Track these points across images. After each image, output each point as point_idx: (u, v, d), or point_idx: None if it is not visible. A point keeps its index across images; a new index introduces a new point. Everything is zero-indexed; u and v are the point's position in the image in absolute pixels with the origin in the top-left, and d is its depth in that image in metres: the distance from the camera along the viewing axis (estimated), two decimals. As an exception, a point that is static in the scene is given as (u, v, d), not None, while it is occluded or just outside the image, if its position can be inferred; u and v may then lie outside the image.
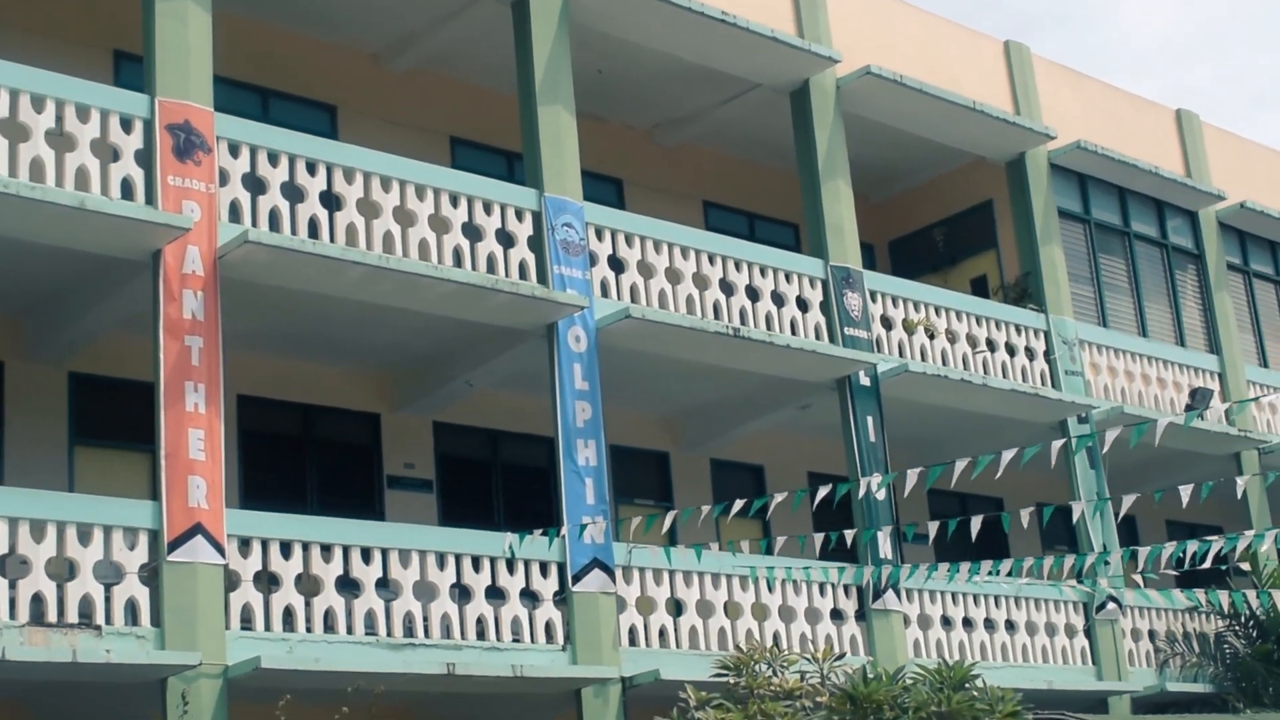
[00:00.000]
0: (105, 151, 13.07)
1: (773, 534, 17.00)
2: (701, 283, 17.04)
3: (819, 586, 16.89)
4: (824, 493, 12.38)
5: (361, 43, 17.50)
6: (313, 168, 14.26)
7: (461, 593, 14.34)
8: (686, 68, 18.40)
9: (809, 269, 18.11)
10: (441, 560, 14.22)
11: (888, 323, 18.82)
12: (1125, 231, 22.59)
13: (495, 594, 14.60)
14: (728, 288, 17.29)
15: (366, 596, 13.65)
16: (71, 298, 13.78)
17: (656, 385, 17.84)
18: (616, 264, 16.37)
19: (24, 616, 11.81)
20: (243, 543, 13.06)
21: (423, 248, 14.79)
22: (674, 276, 16.78)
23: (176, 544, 12.55)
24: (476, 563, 14.47)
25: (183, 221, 12.91)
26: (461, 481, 17.45)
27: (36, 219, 12.41)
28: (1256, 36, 63.42)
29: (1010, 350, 20.21)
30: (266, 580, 13.23)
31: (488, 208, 15.43)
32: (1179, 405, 22.04)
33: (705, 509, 13.04)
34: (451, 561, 14.28)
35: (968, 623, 18.51)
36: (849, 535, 13.53)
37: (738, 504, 12.75)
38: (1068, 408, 19.90)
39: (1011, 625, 19.00)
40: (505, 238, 15.52)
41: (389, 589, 13.96)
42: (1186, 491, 12.15)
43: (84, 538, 12.27)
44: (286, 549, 13.33)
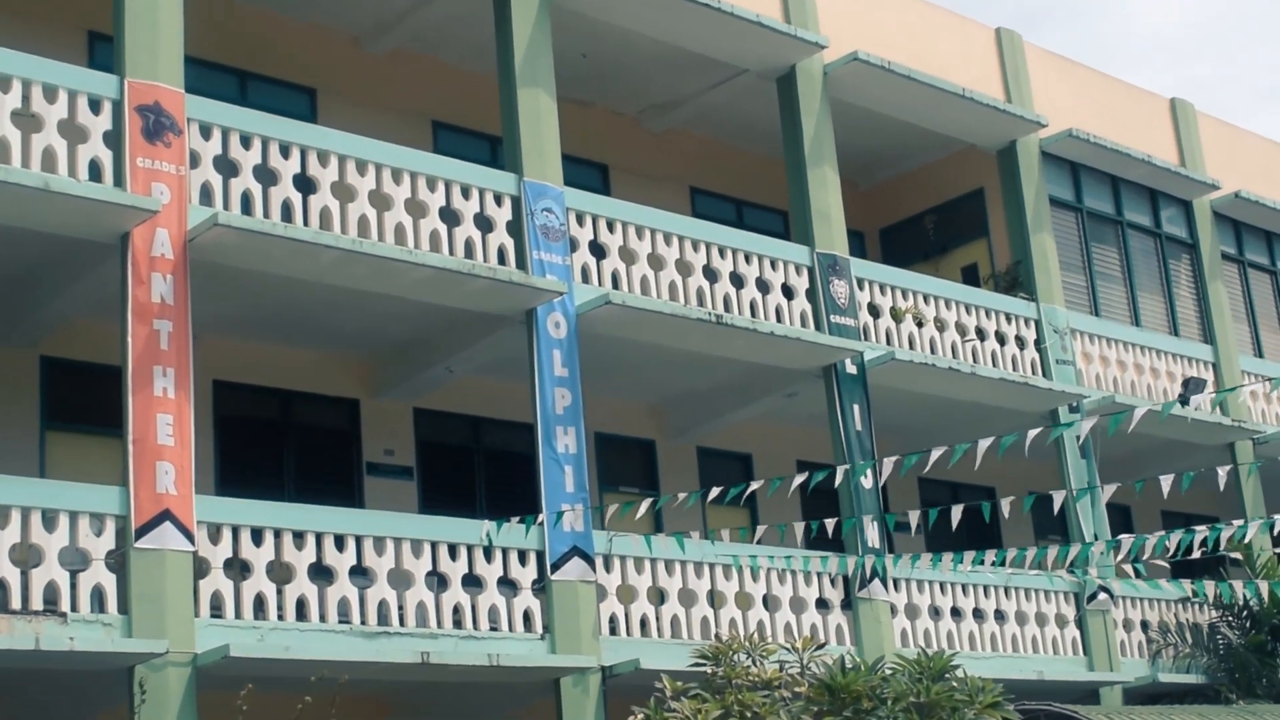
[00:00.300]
0: (73, 132, 12.87)
1: (759, 523, 16.88)
2: (685, 269, 16.85)
3: (804, 575, 16.72)
4: (799, 480, 12.18)
5: (341, 24, 17.30)
6: (286, 150, 14.07)
7: (438, 581, 14.16)
8: (672, 52, 18.20)
9: (795, 256, 17.92)
10: (417, 548, 14.04)
11: (875, 310, 18.64)
12: (1118, 220, 22.38)
13: (472, 582, 14.42)
14: (711, 274, 17.09)
15: (340, 584, 13.47)
16: (41, 280, 13.59)
17: (641, 372, 17.66)
18: (598, 249, 16.19)
19: (-13, 603, 11.66)
20: (213, 529, 12.88)
21: (399, 232, 14.60)
22: (656, 263, 16.59)
23: (144, 530, 12.37)
24: (453, 550, 14.29)
25: (151, 204, 12.72)
26: (443, 468, 17.27)
27: (1, 200, 12.22)
28: (1263, 31, 63.13)
29: (1000, 339, 20.01)
30: (238, 568, 13.05)
31: (466, 192, 15.25)
32: (1172, 395, 21.85)
33: (681, 496, 12.86)
34: (427, 549, 14.10)
35: (956, 613, 18.34)
36: (830, 524, 13.26)
37: (714, 491, 12.55)
38: (1058, 397, 19.72)
39: (1001, 615, 18.82)
40: (484, 222, 15.34)
41: (366, 577, 13.79)
42: (1167, 481, 11.94)
43: (49, 523, 12.08)
44: (258, 536, 13.14)
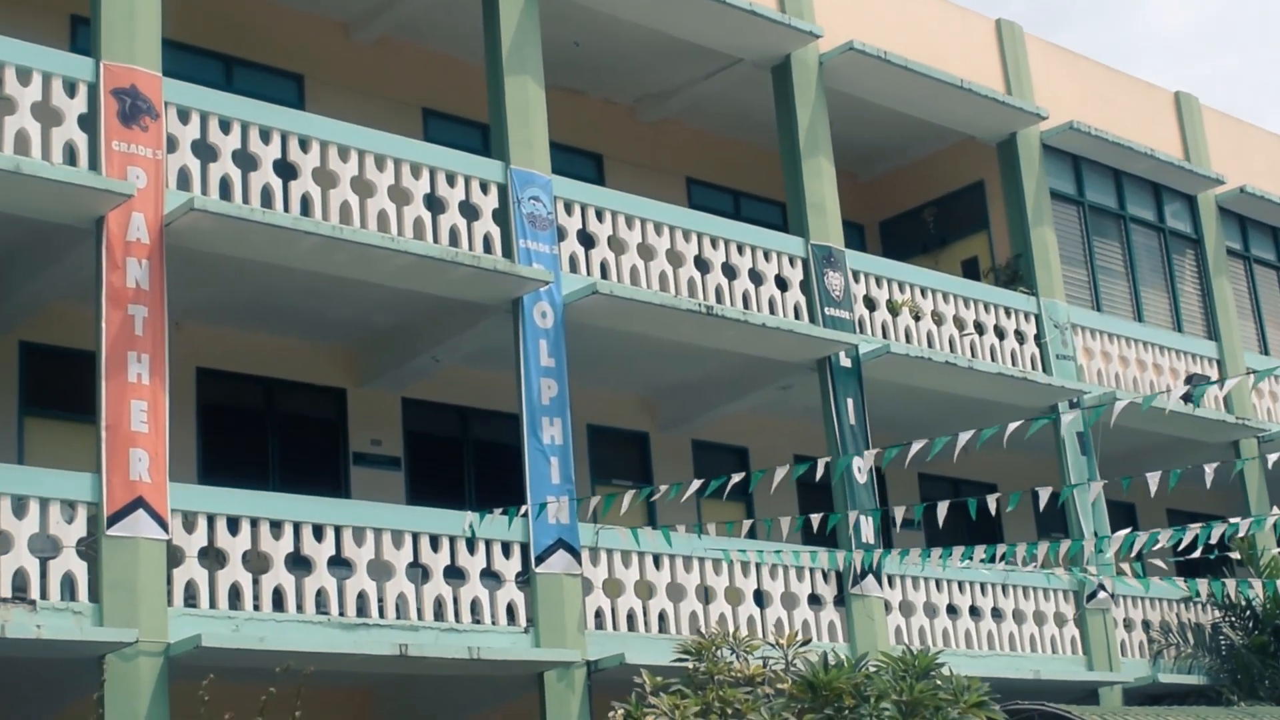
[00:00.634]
0: (47, 115, 12.71)
1: (756, 517, 16.64)
2: (676, 259, 16.64)
3: (796, 571, 16.49)
4: (781, 474, 11.97)
5: (330, 11, 17.12)
6: (267, 135, 13.88)
7: (419, 573, 13.97)
8: (666, 41, 17.99)
9: (789, 247, 17.69)
10: (398, 539, 13.84)
11: (871, 303, 18.40)
12: (1121, 215, 22.12)
13: (455, 574, 14.23)
14: (703, 265, 16.88)
15: (318, 575, 13.28)
16: (16, 264, 13.42)
17: (632, 364, 17.45)
18: (586, 239, 15.98)
19: (-46, 590, 11.49)
20: (188, 518, 12.70)
21: (382, 219, 14.42)
22: (646, 253, 16.38)
23: (116, 518, 12.19)
24: (435, 542, 14.09)
25: (125, 188, 12.55)
26: (431, 459, 17.07)
27: (-27, 183, 12.08)
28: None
29: (1000, 333, 19.76)
30: (214, 557, 12.87)
31: (451, 179, 15.05)
32: (1176, 392, 21.56)
33: (663, 488, 12.65)
34: (408, 540, 13.90)
35: (952, 610, 18.09)
36: (816, 520, 13.06)
37: (694, 484, 12.35)
38: (1057, 392, 19.45)
39: (998, 613, 18.58)
40: (469, 210, 15.14)
41: (346, 568, 13.60)
42: (1154, 479, 11.70)
43: (19, 509, 11.91)
44: (234, 525, 12.96)
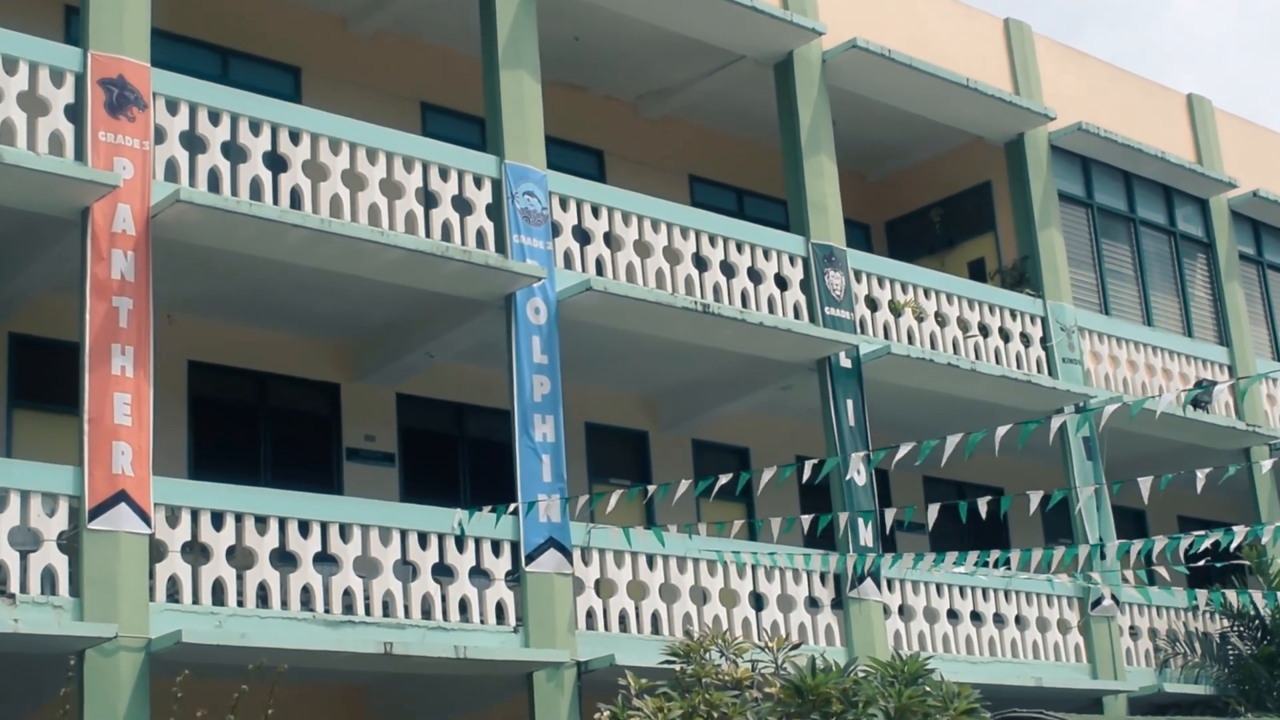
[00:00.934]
0: (33, 105, 12.61)
1: (757, 518, 16.47)
2: (673, 257, 16.47)
3: (793, 573, 16.31)
4: (769, 476, 11.78)
5: (327, 3, 16.98)
6: (256, 127, 13.76)
7: (407, 570, 13.82)
8: (667, 37, 17.83)
9: (789, 246, 17.51)
10: (385, 535, 13.70)
11: (873, 304, 18.20)
12: (1131, 217, 21.87)
13: (444, 572, 14.09)
14: (701, 263, 16.71)
15: (304, 571, 13.15)
16: (3, 256, 13.33)
17: (629, 361, 17.29)
18: (582, 235, 15.83)
19: (-68, 583, 11.40)
20: (171, 512, 12.58)
21: (373, 213, 14.28)
22: (643, 250, 16.22)
23: (98, 511, 12.09)
24: (423, 539, 13.94)
25: (111, 178, 12.44)
26: (425, 456, 16.94)
27: (-44, 173, 11.98)
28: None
29: (1004, 336, 19.55)
30: (197, 552, 12.75)
31: (444, 174, 14.91)
32: (1185, 397, 21.30)
33: (651, 488, 12.49)
34: (396, 537, 13.76)
35: (953, 615, 17.88)
36: (806, 520, 12.88)
37: (683, 484, 12.18)
38: (1062, 396, 19.22)
39: (1000, 619, 18.35)
40: (463, 205, 15.00)
41: (332, 564, 13.46)
42: (1146, 484, 11.50)
43: (0, 502, 11.81)
44: (218, 520, 12.84)
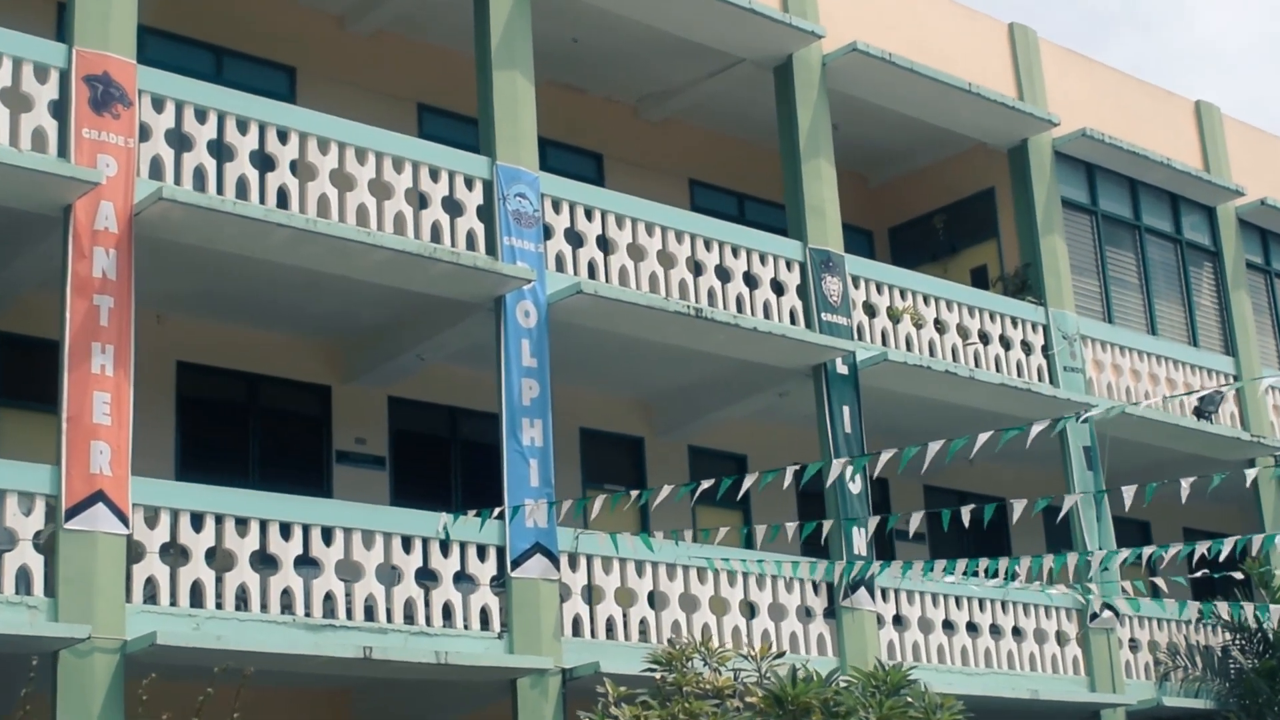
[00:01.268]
0: (17, 101, 12.53)
1: (754, 525, 16.31)
2: (667, 261, 16.33)
3: (785, 582, 16.15)
4: (749, 482, 11.64)
5: (324, 2, 16.89)
6: (244, 126, 13.66)
7: (389, 574, 13.71)
8: (666, 39, 17.70)
9: (786, 251, 17.36)
10: (368, 539, 13.58)
11: (871, 309, 18.04)
12: (1136, 225, 21.67)
13: (428, 576, 13.97)
14: (696, 267, 16.57)
15: (284, 574, 13.04)
16: (-14, 253, 13.28)
17: (622, 366, 17.17)
18: (575, 237, 15.70)
19: (-95, 581, 11.31)
20: (150, 513, 12.48)
21: (361, 213, 14.17)
22: (637, 253, 16.08)
23: (75, 511, 11.99)
24: (407, 543, 13.82)
25: (94, 175, 12.35)
26: (416, 459, 16.82)
27: (-63, 168, 11.91)
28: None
29: (1005, 343, 19.37)
30: (177, 553, 12.65)
31: (434, 174, 14.80)
32: (1188, 407, 21.14)
33: (634, 494, 12.32)
34: (379, 541, 13.64)
35: (949, 625, 17.70)
36: (791, 528, 12.71)
37: (664, 489, 12.03)
38: (1062, 405, 18.99)
39: (997, 630, 18.18)
40: (453, 206, 14.88)
41: (314, 567, 13.35)
42: (1129, 493, 11.34)
43: (-26, 501, 11.74)
44: (198, 521, 12.73)
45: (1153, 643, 19.82)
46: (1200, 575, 17.13)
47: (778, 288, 17.21)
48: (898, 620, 17.21)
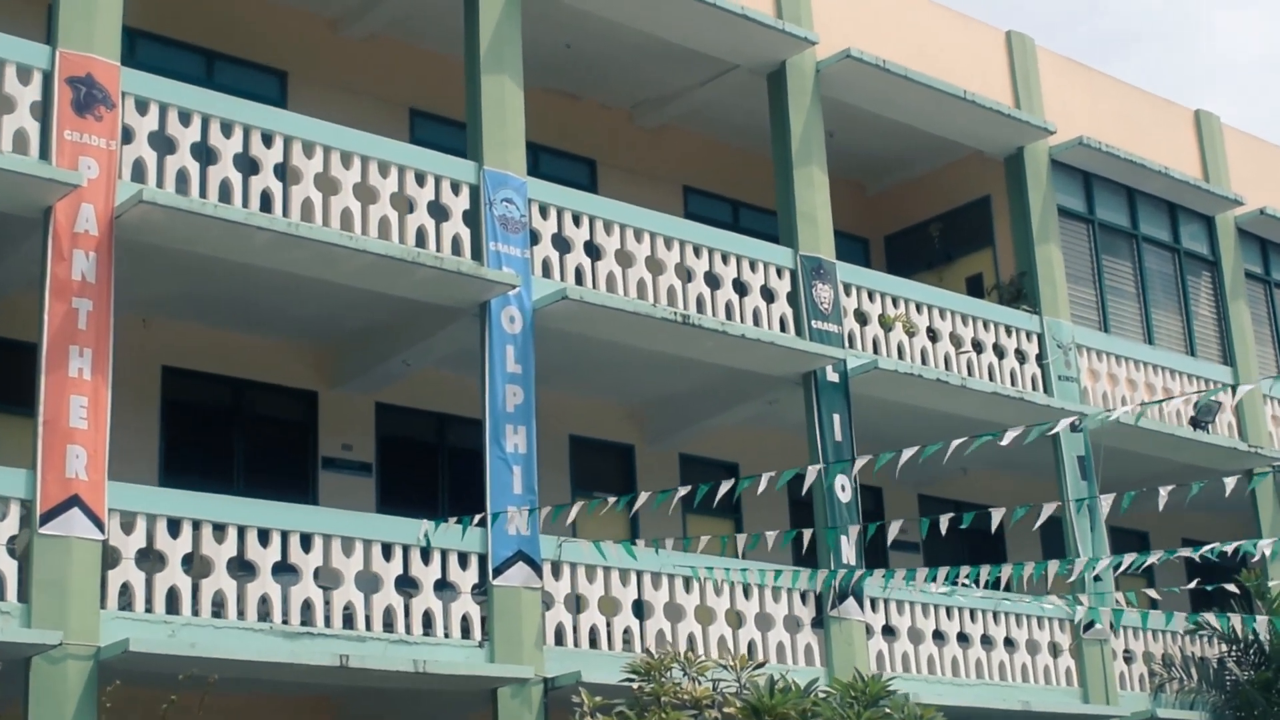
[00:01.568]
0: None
1: (742, 534, 16.21)
2: (656, 267, 16.25)
3: (773, 591, 16.06)
4: (725, 489, 11.55)
5: (316, 6, 16.84)
6: (228, 129, 13.61)
7: (368, 581, 13.64)
8: (660, 45, 17.62)
9: (776, 258, 17.28)
10: (348, 546, 13.52)
11: (863, 317, 17.94)
12: (1133, 234, 21.55)
13: (409, 584, 13.90)
14: (685, 274, 16.49)
15: (262, 580, 12.97)
16: (-33, 255, 13.24)
17: (612, 373, 17.09)
18: (562, 243, 15.62)
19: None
20: (126, 518, 12.42)
21: (346, 217, 14.11)
22: (625, 259, 16.00)
23: (50, 516, 11.94)
24: (388, 550, 13.74)
25: (74, 178, 12.30)
26: (404, 466, 16.75)
27: (-82, 170, 11.87)
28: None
29: (999, 352, 19.26)
30: (153, 559, 12.59)
31: (420, 179, 14.73)
32: (1185, 417, 21.02)
33: (610, 500, 12.24)
34: (359, 548, 13.57)
35: (939, 635, 17.60)
36: (770, 536, 12.62)
37: (642, 496, 11.95)
38: (1055, 413, 18.73)
39: (988, 640, 18.06)
40: (439, 210, 14.82)
41: (293, 574, 13.29)
42: (1107, 501, 11.24)
43: (-52, 505, 11.69)
44: (175, 527, 12.67)
45: (1147, 654, 19.68)
46: (1192, 587, 17.00)
47: (768, 295, 17.12)
48: (888, 630, 17.12)
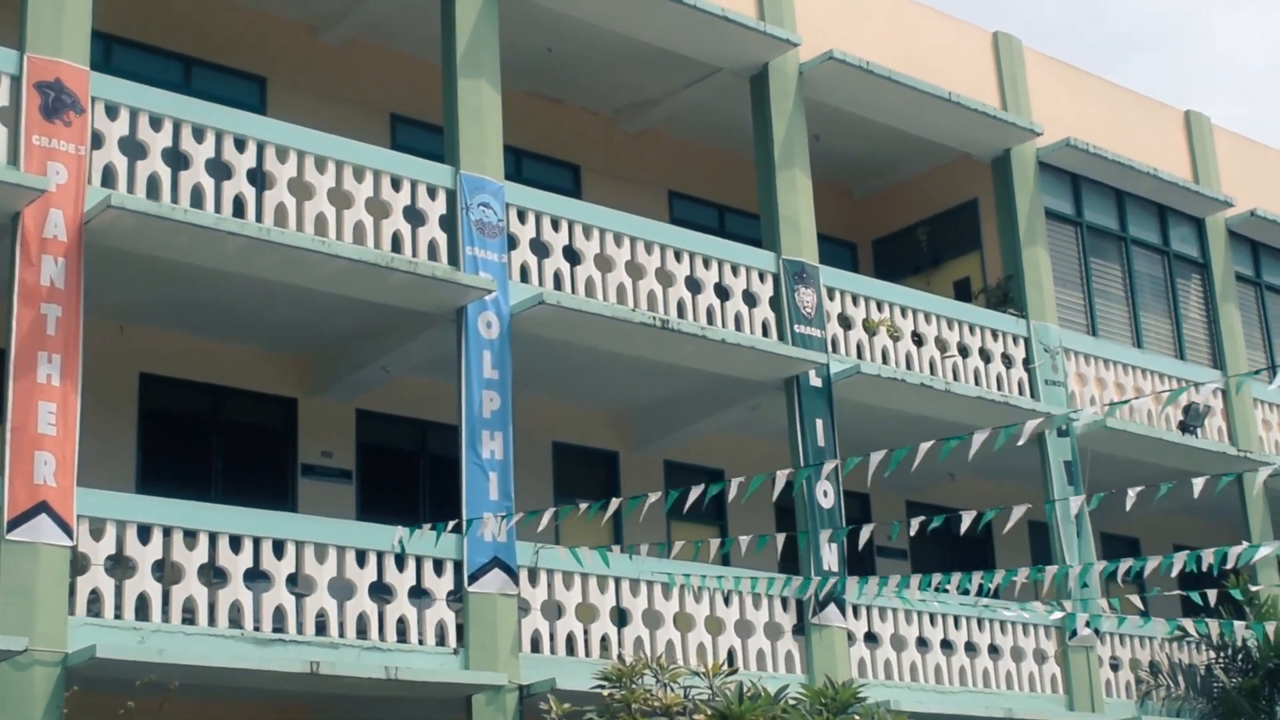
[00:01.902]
0: (-35, 108, 12.46)
1: (729, 540, 16.14)
2: (636, 272, 16.18)
3: (754, 598, 15.97)
4: (697, 493, 11.48)
5: (295, 11, 16.78)
6: (200, 134, 13.55)
7: (342, 588, 13.57)
8: (641, 49, 17.55)
9: (758, 262, 17.19)
10: (321, 552, 13.45)
11: (846, 322, 17.85)
12: (1122, 236, 21.44)
13: (383, 591, 13.83)
14: (666, 278, 16.41)
15: (233, 587, 12.91)
16: (-63, 262, 13.16)
17: (593, 379, 17.01)
18: (540, 248, 15.54)
19: None
20: (95, 525, 12.36)
21: (320, 222, 14.05)
22: (604, 264, 15.93)
23: (17, 522, 11.90)
24: (361, 557, 13.68)
25: (42, 183, 12.26)
26: (384, 472, 16.69)
27: (-117, 176, 11.82)
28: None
29: (985, 356, 19.16)
30: (124, 566, 12.53)
31: (396, 183, 14.67)
32: (1173, 421, 20.91)
33: (583, 506, 12.19)
34: (333, 554, 13.51)
35: (923, 643, 17.50)
36: (745, 541, 12.54)
37: (614, 502, 11.90)
38: (1041, 418, 18.76)
39: (973, 647, 17.96)
40: (415, 215, 14.75)
41: (264, 581, 13.22)
42: (1076, 503, 11.18)
43: (-86, 512, 11.64)
44: (145, 533, 12.61)
45: (1134, 661, 19.57)
46: (1177, 594, 16.88)
47: (750, 299, 17.04)
48: (870, 637, 17.02)
